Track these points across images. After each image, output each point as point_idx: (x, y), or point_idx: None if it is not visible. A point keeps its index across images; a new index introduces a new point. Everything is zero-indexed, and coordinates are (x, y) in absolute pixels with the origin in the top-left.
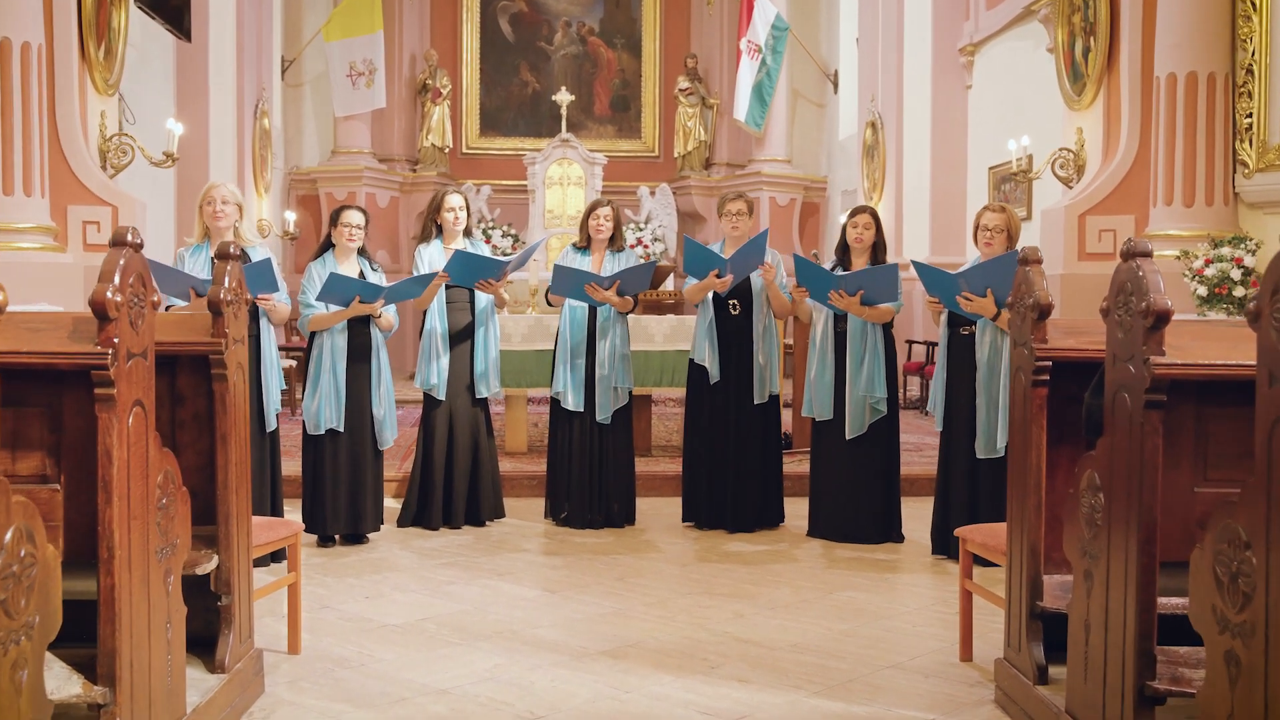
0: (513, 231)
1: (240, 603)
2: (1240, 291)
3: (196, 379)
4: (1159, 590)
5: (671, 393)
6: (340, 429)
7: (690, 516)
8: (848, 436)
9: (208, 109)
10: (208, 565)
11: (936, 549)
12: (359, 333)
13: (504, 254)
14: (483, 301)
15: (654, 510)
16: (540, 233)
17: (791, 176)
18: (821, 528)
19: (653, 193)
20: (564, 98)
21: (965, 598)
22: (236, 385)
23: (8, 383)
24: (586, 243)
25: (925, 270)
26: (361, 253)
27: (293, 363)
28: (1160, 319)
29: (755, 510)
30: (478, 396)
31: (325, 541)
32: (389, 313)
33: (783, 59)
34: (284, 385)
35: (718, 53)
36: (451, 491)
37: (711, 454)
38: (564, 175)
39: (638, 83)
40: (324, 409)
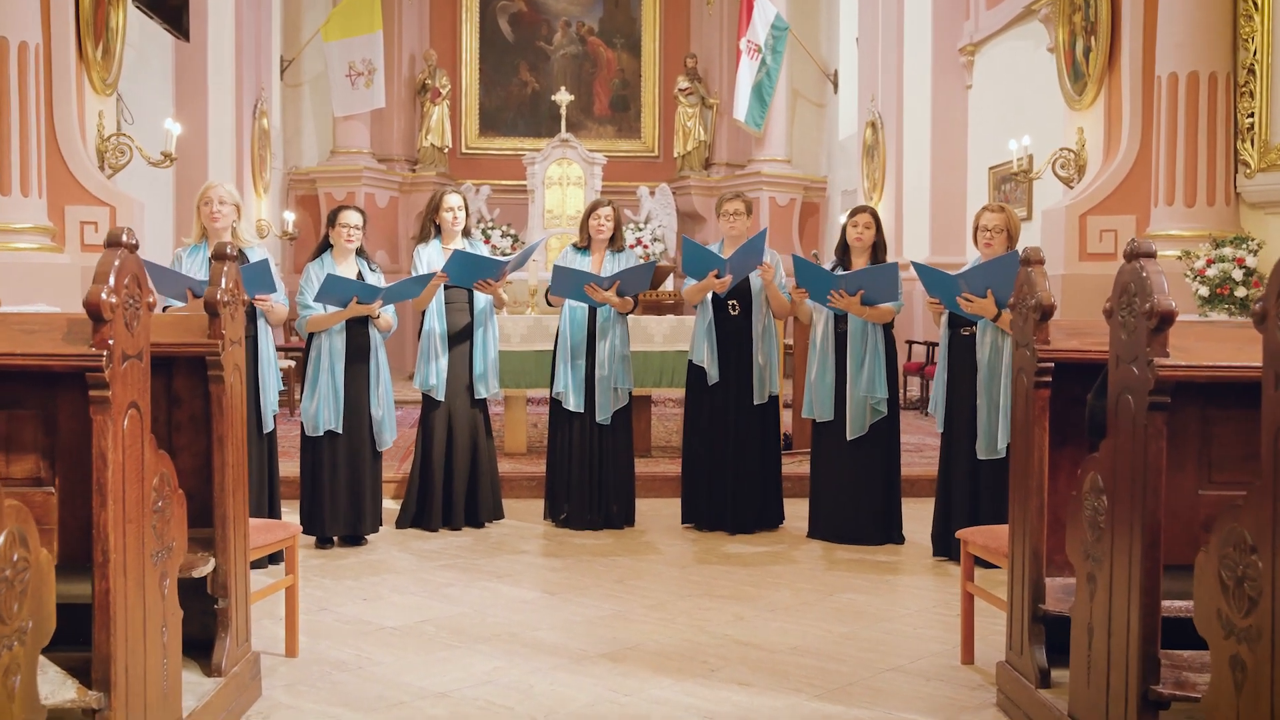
0: (512, 231)
1: (237, 606)
2: (1242, 292)
3: (193, 380)
4: (1162, 593)
5: (671, 393)
6: (339, 430)
7: (690, 518)
8: (849, 437)
9: (206, 109)
10: (204, 568)
11: (937, 550)
12: (357, 334)
13: (503, 254)
14: (481, 302)
15: (653, 511)
16: (540, 233)
17: (791, 176)
18: (822, 529)
19: (652, 193)
20: (563, 98)
21: (967, 600)
22: (233, 387)
23: (2, 385)
24: (586, 243)
25: (925, 271)
26: (360, 253)
27: (292, 363)
28: (1164, 320)
29: (755, 511)
30: (476, 397)
31: (324, 543)
32: (387, 313)
33: (782, 59)
34: (282, 386)
35: (717, 52)
36: (451, 493)
37: (711, 455)
38: (563, 175)
39: (637, 83)
40: (322, 410)
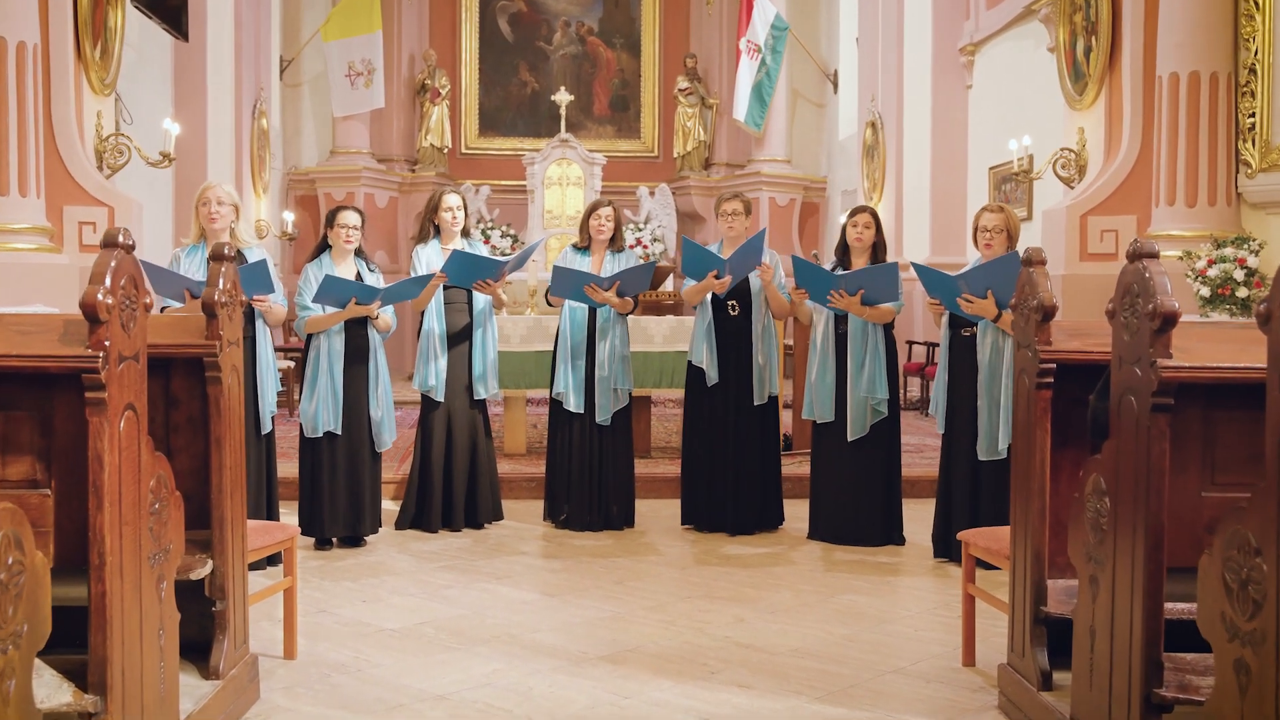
0: (512, 232)
1: (235, 608)
2: (1244, 292)
3: (191, 382)
4: (1165, 595)
5: (671, 394)
6: (338, 431)
7: (689, 519)
8: (849, 438)
9: (206, 109)
10: (202, 570)
11: (938, 552)
12: (356, 334)
13: (503, 254)
14: (481, 302)
15: (653, 512)
16: (539, 233)
17: (791, 177)
18: (822, 530)
19: (652, 193)
20: (563, 98)
21: (968, 602)
22: (231, 388)
23: None
24: (586, 243)
25: (925, 272)
26: (359, 254)
27: (291, 364)
28: (1167, 321)
29: (755, 512)
30: (476, 398)
31: (323, 544)
32: (386, 314)
33: (782, 59)
34: (281, 387)
35: (717, 52)
36: (450, 494)
37: (711, 456)
38: (563, 175)
39: (637, 83)
40: (321, 411)
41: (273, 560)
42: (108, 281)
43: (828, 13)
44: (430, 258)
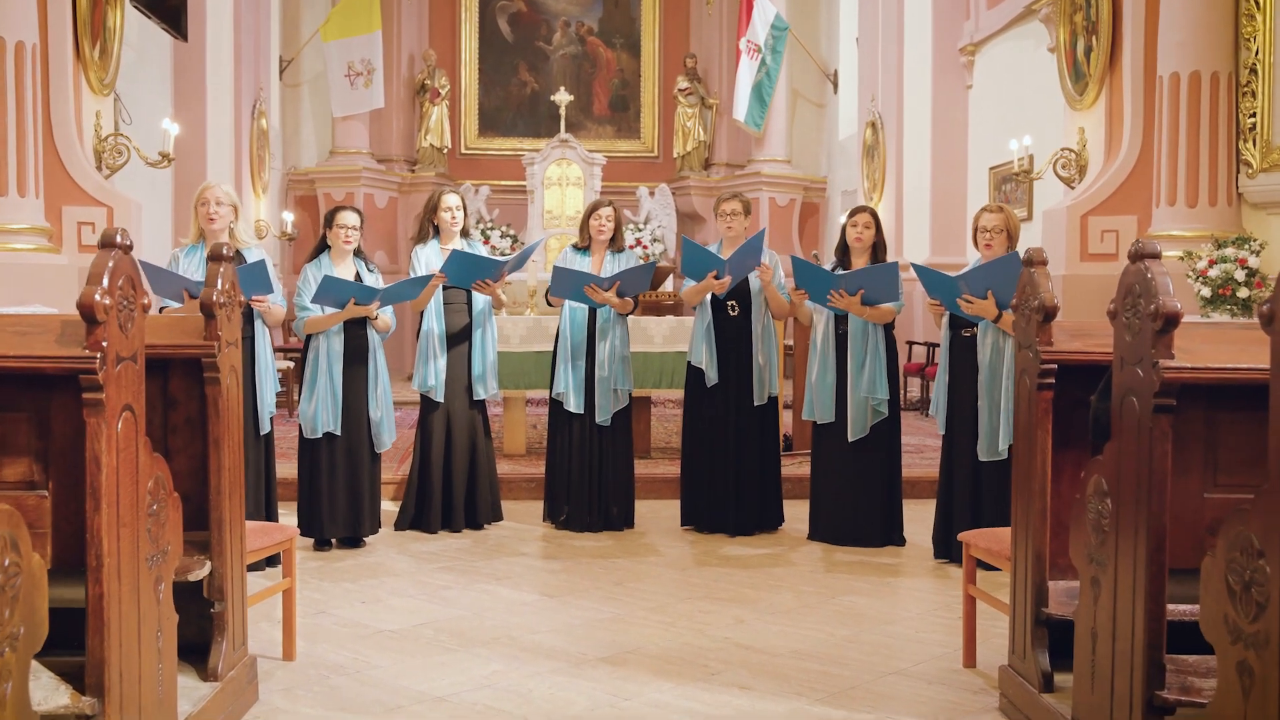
0: (511, 232)
1: (234, 609)
2: (1245, 293)
3: (189, 382)
4: (1167, 597)
5: (671, 394)
6: (337, 432)
7: (689, 520)
8: (850, 439)
9: (205, 109)
10: (200, 571)
11: (939, 553)
12: (355, 335)
13: (502, 255)
14: (480, 303)
15: (653, 513)
16: (539, 233)
17: (791, 177)
18: (822, 531)
19: (652, 193)
20: (563, 98)
21: (969, 603)
22: (230, 389)
23: None
24: (586, 243)
25: (925, 273)
26: (358, 254)
27: (290, 364)
28: (1170, 321)
29: (755, 513)
30: (475, 398)
31: (322, 545)
32: (386, 314)
33: (782, 59)
34: (280, 388)
35: (717, 52)
36: (450, 494)
37: (710, 457)
38: (563, 175)
39: (637, 83)
40: (320, 412)
41: (272, 561)
42: (105, 282)
43: (828, 13)
44: (429, 258)
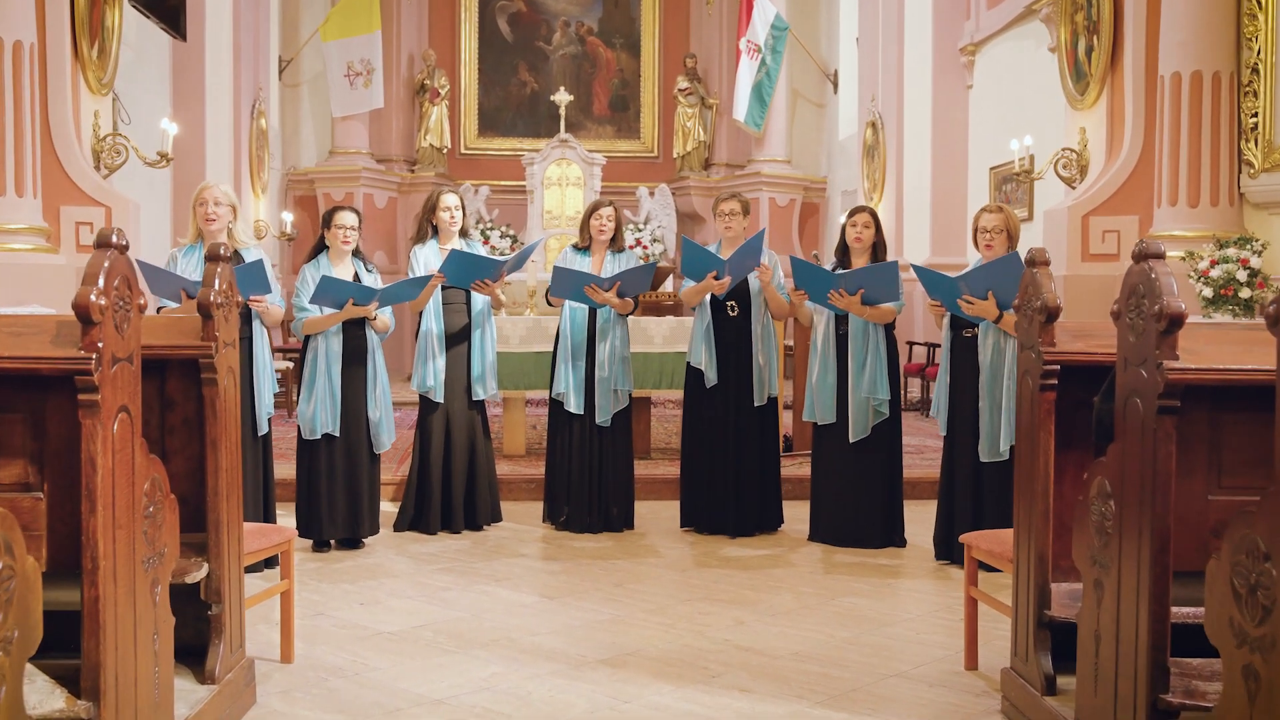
0: (511, 232)
1: (231, 612)
2: (1246, 293)
3: (186, 383)
4: (1171, 600)
5: (671, 395)
6: (336, 433)
7: (689, 522)
8: (851, 439)
9: (204, 109)
10: (197, 574)
11: (940, 554)
12: (354, 335)
13: (502, 255)
14: (479, 303)
15: (652, 514)
16: (539, 233)
17: (791, 177)
18: (822, 532)
19: (652, 193)
20: (563, 98)
21: (970, 605)
22: (227, 390)
23: None
24: (587, 243)
25: (926, 273)
26: (356, 254)
27: (290, 364)
28: (1174, 322)
29: (754, 514)
30: (475, 399)
31: (321, 546)
32: (384, 314)
33: (782, 59)
34: (278, 388)
35: (717, 52)
36: (449, 495)
37: (710, 457)
38: (563, 176)
39: (637, 83)
40: (319, 413)
41: (270, 563)
42: (101, 282)
43: (828, 13)
44: (428, 258)
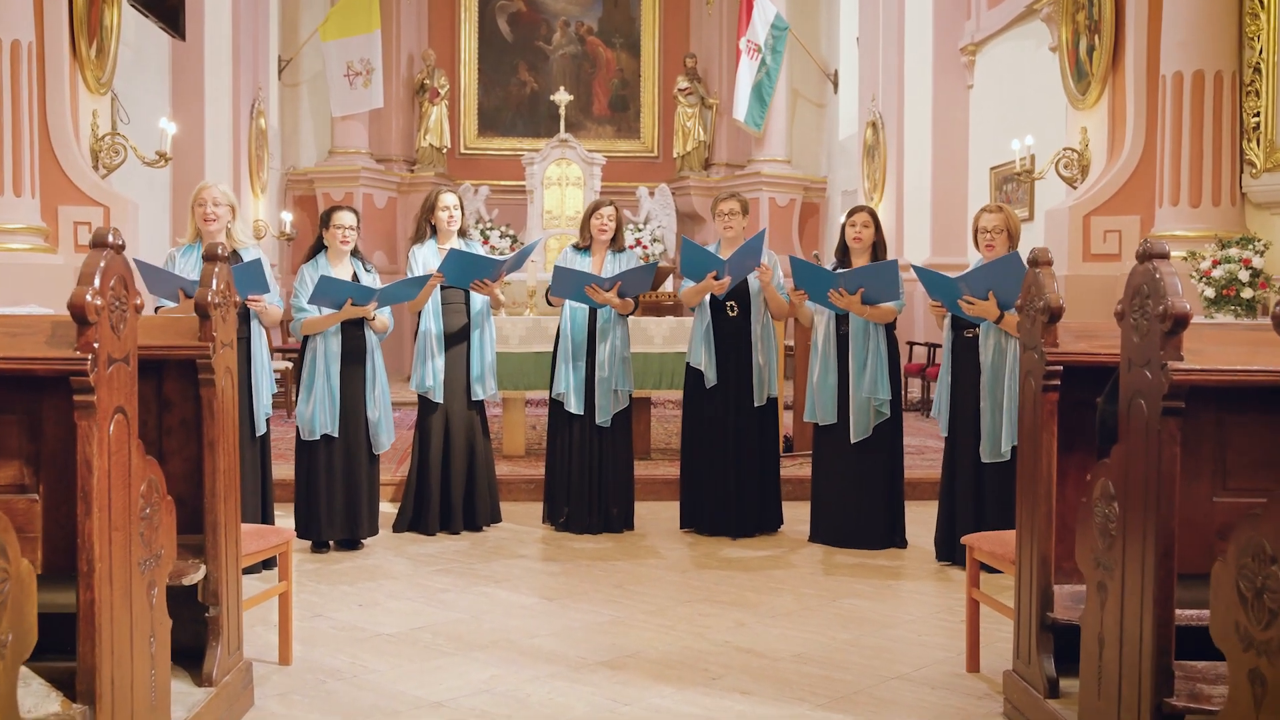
0: (511, 232)
1: (229, 614)
2: (1248, 293)
3: (184, 384)
4: (1175, 602)
5: (670, 395)
6: (335, 434)
7: (689, 523)
8: (852, 440)
9: (203, 109)
10: (195, 575)
11: (941, 555)
12: (353, 335)
13: (501, 254)
14: (478, 303)
15: (652, 515)
16: (539, 233)
17: (791, 177)
18: (823, 532)
19: (651, 193)
20: (562, 98)
21: (972, 607)
22: (225, 390)
23: None
24: (587, 243)
25: (926, 274)
26: (355, 254)
27: (289, 364)
28: (1179, 323)
29: (754, 515)
30: (474, 399)
31: (319, 548)
32: (383, 314)
33: (782, 59)
34: (277, 389)
35: (717, 52)
36: (448, 496)
37: (710, 458)
38: (562, 175)
39: (636, 83)
40: (318, 414)
41: (268, 564)
42: (96, 282)
43: (828, 13)
44: (427, 258)
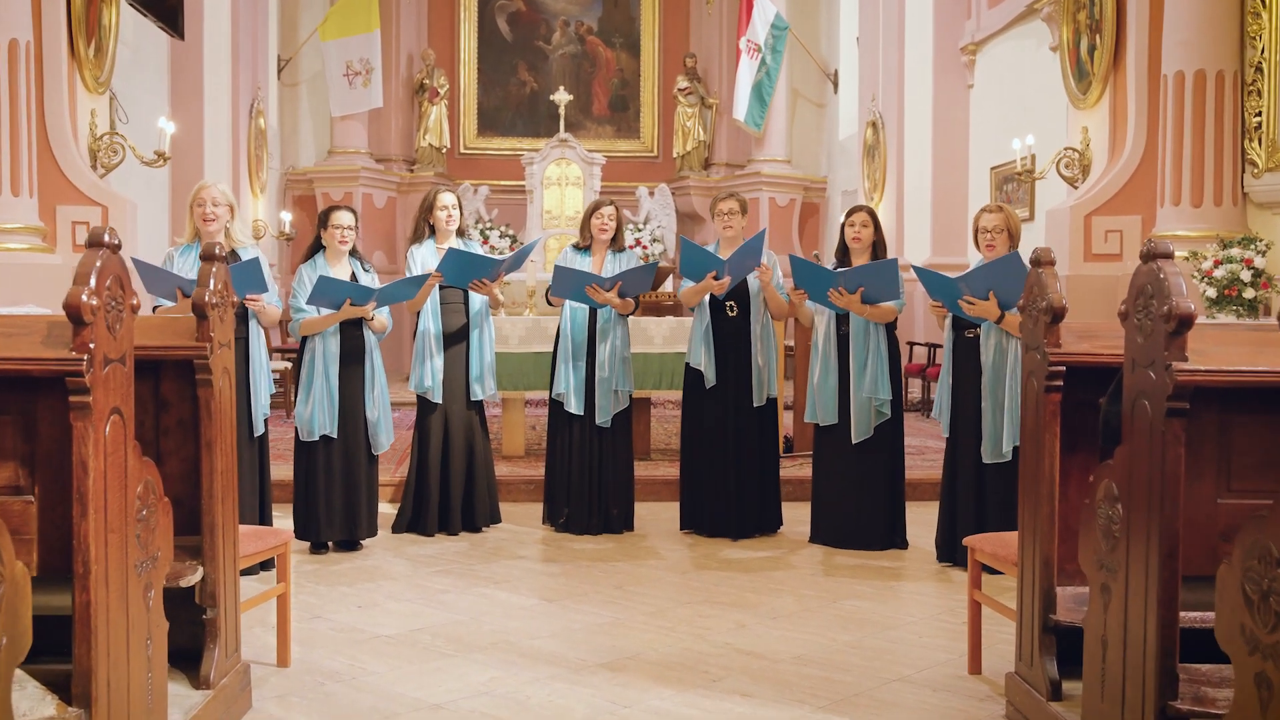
0: (510, 232)
1: (226, 616)
2: (1250, 293)
3: (181, 384)
4: (1179, 605)
5: (670, 395)
6: (333, 435)
7: (689, 524)
8: (853, 440)
9: (202, 108)
10: (192, 577)
11: (942, 556)
12: (351, 336)
13: (500, 254)
14: (477, 303)
15: (652, 515)
16: (538, 233)
17: (791, 177)
18: (823, 533)
19: (651, 193)
20: (562, 97)
21: (974, 609)
22: (222, 391)
23: None
24: (587, 243)
25: (926, 274)
26: (353, 254)
27: (288, 364)
28: (1183, 323)
29: (754, 516)
30: (473, 399)
31: (318, 549)
32: (382, 314)
33: (782, 58)
34: (275, 389)
35: (717, 52)
36: (447, 497)
37: (709, 459)
38: (562, 175)
39: (636, 82)
40: (317, 414)
41: (266, 565)
42: (92, 282)
43: (828, 12)
44: (425, 258)
